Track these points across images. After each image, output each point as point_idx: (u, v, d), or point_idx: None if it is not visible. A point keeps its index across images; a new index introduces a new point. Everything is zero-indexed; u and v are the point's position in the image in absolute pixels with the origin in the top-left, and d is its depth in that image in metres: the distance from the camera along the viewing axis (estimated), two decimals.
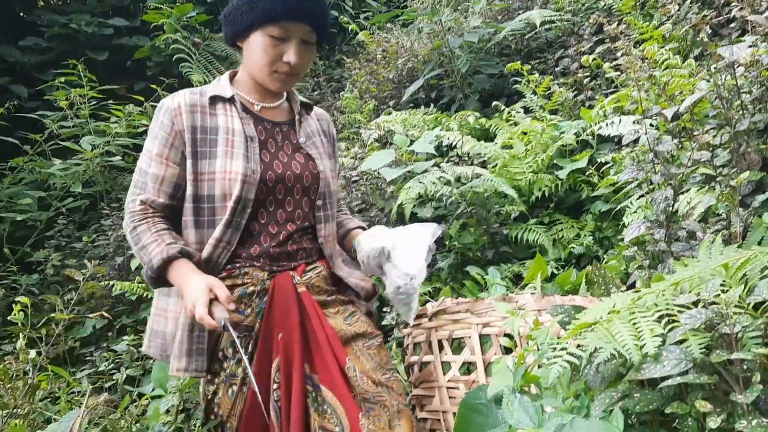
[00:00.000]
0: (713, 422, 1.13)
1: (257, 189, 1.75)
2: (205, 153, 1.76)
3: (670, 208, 1.71)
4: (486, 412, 1.58)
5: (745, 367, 1.18)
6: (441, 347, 2.07)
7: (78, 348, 3.46)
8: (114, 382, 2.43)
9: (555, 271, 2.55)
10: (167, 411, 2.04)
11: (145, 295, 3.41)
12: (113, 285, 3.40)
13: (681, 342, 1.26)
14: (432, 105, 4.34)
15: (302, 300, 1.79)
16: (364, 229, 2.02)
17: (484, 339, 2.12)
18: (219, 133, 1.78)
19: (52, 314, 1.69)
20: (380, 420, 1.69)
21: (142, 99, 4.92)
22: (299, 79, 1.89)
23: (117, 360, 2.58)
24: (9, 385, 1.56)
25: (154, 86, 4.94)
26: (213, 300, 1.61)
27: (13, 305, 2.17)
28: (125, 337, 2.58)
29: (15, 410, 1.55)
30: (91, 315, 2.11)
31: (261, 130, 1.84)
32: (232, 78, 1.91)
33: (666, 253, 1.73)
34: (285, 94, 1.95)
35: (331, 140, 2.03)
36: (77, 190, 4.17)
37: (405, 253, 1.79)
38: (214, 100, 1.81)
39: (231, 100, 1.83)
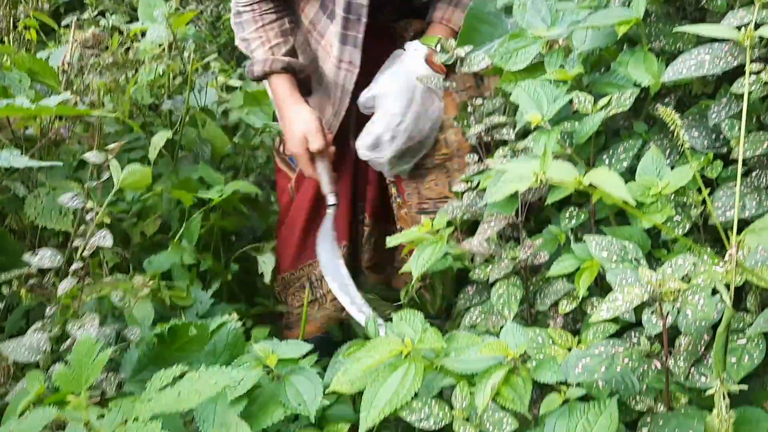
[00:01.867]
0: None
1: None
2: None
3: None
4: (495, 22, 1.49)
5: None
6: None
7: (63, 14, 3.30)
8: (102, 28, 2.32)
9: None
10: (160, 45, 1.96)
11: None
12: None
13: None
14: None
15: None
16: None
17: None
18: None
19: None
20: None
21: None
22: None
23: (102, 8, 2.43)
24: None
25: None
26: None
27: None
28: None
29: None
30: None
31: None
32: None
33: None
34: None
35: None
36: None
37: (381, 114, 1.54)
38: None
39: None
